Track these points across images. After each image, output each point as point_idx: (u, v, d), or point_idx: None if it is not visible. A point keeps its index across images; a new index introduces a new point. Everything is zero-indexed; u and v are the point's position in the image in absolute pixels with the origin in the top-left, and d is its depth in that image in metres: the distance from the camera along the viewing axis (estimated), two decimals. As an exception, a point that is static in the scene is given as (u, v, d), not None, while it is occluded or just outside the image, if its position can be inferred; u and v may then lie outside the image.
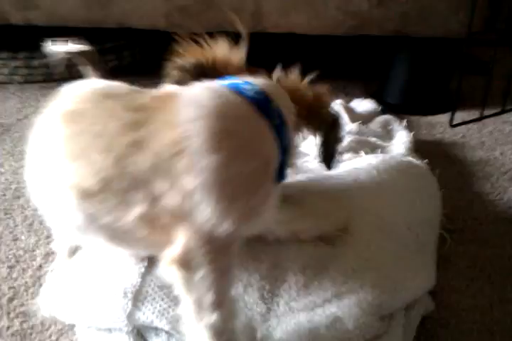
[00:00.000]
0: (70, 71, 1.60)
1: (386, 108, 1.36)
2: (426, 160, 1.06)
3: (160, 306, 0.68)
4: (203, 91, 0.60)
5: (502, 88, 1.38)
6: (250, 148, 0.58)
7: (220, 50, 0.70)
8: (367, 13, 1.35)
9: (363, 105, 1.39)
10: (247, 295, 0.70)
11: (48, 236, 0.91)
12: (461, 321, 0.77)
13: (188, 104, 0.58)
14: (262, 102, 0.61)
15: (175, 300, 0.66)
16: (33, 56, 1.56)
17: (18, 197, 1.03)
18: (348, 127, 1.15)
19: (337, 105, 1.25)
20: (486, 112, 1.39)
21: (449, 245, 0.91)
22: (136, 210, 0.56)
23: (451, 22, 1.37)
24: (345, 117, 1.19)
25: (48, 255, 0.87)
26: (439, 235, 0.88)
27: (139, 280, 0.70)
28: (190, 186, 0.54)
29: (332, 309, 0.68)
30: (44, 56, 1.25)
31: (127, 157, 0.55)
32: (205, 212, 0.55)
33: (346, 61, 1.62)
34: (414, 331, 0.73)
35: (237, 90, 0.61)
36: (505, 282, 0.85)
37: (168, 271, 0.58)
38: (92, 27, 1.43)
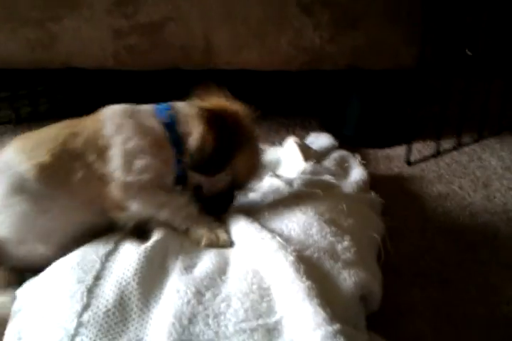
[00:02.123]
0: (16, 114, 1.56)
1: (343, 141, 1.35)
2: (380, 199, 1.08)
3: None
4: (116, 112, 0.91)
5: (457, 118, 1.37)
6: (146, 135, 0.88)
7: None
8: (319, 48, 1.35)
9: (320, 140, 1.37)
10: (192, 325, 0.69)
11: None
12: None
13: (109, 119, 0.90)
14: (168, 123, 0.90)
15: None
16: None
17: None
18: (302, 167, 1.12)
19: (291, 143, 1.23)
20: (443, 142, 1.39)
21: (414, 291, 0.88)
22: (78, 174, 0.85)
23: (402, 54, 1.38)
24: (299, 156, 1.17)
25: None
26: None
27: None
28: (109, 155, 0.85)
29: (287, 333, 0.68)
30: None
31: (68, 140, 0.86)
32: (118, 170, 0.85)
33: (302, 96, 1.61)
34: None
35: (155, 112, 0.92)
36: (471, 328, 0.82)
37: (115, 216, 0.86)
38: (37, 69, 1.38)
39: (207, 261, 0.80)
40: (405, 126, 1.43)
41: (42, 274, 0.81)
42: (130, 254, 0.79)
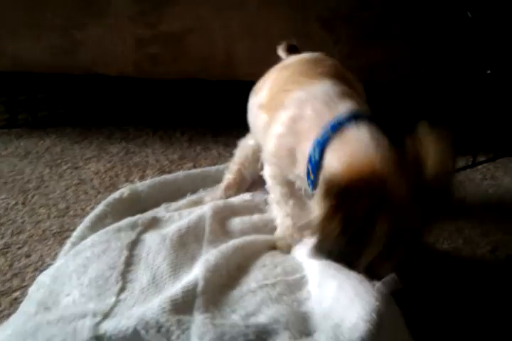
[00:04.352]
0: (33, 117, 1.58)
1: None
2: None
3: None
4: None
5: (473, 137, 1.38)
6: None
7: None
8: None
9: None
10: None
11: None
12: None
13: None
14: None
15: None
16: (-5, 101, 1.52)
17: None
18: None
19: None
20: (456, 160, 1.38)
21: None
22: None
23: (419, 68, 1.39)
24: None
25: None
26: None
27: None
28: None
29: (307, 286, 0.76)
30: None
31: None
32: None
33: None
34: None
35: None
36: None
37: None
38: (59, 73, 1.40)
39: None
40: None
41: (64, 260, 0.85)
42: (156, 244, 0.86)
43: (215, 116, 1.58)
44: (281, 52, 1.14)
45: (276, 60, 1.36)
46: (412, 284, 0.84)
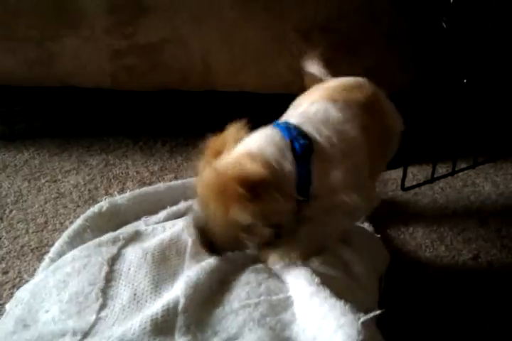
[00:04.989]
0: (11, 130, 1.55)
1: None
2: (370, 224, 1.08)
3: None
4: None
5: (453, 143, 1.38)
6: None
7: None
8: (316, 72, 1.36)
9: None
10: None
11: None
12: None
13: None
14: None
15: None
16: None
17: None
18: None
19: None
20: (438, 167, 1.39)
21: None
22: None
23: (398, 80, 1.40)
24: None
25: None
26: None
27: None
28: None
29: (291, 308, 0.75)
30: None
31: None
32: None
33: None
34: None
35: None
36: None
37: None
38: (34, 86, 1.38)
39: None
40: (401, 150, 1.44)
41: (43, 275, 0.84)
42: (138, 259, 0.85)
43: (196, 126, 1.57)
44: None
45: (254, 69, 1.36)
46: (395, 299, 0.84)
